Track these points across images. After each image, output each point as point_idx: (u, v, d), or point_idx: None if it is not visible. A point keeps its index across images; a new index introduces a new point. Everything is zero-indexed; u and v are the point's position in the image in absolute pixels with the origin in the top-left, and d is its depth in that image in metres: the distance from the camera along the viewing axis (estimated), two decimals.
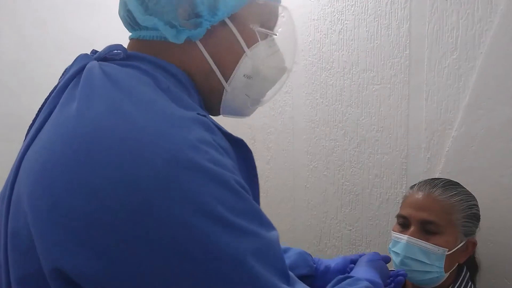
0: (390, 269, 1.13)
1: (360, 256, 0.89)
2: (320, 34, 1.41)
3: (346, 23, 1.34)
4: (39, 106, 0.55)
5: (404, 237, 0.93)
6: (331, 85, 1.40)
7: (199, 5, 0.54)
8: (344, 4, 1.34)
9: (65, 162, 0.43)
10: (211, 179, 0.43)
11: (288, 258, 0.87)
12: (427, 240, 0.91)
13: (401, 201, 1.03)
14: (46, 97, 0.55)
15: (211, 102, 0.62)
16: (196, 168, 0.42)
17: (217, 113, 0.64)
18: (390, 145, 1.28)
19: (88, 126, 0.44)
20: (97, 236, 0.40)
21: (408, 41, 1.21)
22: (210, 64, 0.58)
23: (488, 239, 1.07)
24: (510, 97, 1.02)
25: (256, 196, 0.54)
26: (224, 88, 0.60)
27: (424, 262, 0.90)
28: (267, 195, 1.67)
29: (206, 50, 0.57)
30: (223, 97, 0.61)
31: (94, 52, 0.57)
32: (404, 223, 0.96)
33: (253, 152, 0.56)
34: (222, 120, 0.65)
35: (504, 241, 1.05)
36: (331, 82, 1.40)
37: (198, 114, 0.48)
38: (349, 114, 1.37)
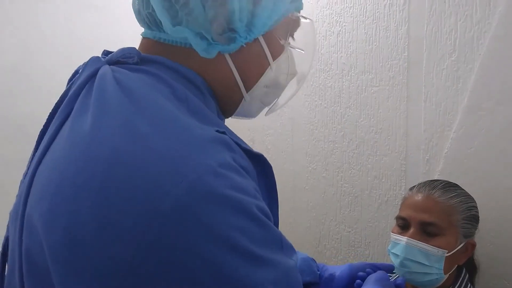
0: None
1: (365, 265, 0.88)
2: (319, 36, 1.41)
3: (344, 25, 1.34)
4: (44, 110, 0.53)
5: (403, 239, 0.93)
6: (330, 87, 1.41)
7: (235, 21, 0.52)
8: (343, 6, 1.34)
9: (78, 192, 0.41)
10: (231, 208, 0.41)
11: None
12: (426, 241, 0.91)
13: (400, 203, 1.03)
14: (57, 101, 0.52)
15: (226, 108, 0.60)
16: (216, 199, 0.40)
17: (228, 116, 0.63)
18: (389, 146, 1.28)
19: (103, 150, 0.41)
20: (117, 275, 0.39)
21: (406, 43, 1.21)
22: (235, 78, 0.56)
23: (487, 240, 1.07)
24: (509, 98, 1.02)
25: (275, 214, 0.52)
26: (243, 97, 0.59)
27: (423, 263, 0.90)
28: None
29: (234, 64, 0.56)
30: (240, 105, 0.60)
31: (106, 53, 0.55)
32: (403, 225, 0.96)
33: None
34: (226, 122, 0.65)
35: (503, 242, 1.05)
36: (329, 84, 1.40)
37: (217, 131, 0.46)
38: (348, 116, 1.37)
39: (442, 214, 0.91)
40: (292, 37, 0.63)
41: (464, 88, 1.11)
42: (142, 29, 0.59)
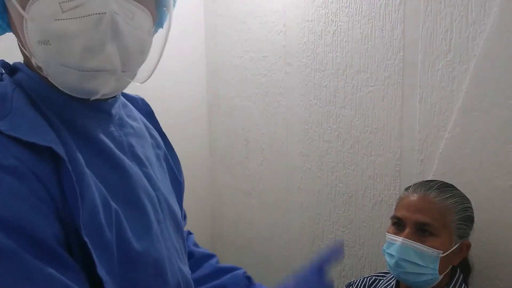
0: (385, 271, 1.13)
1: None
2: (314, 35, 1.41)
3: (340, 25, 1.34)
4: None
5: (399, 239, 0.93)
6: (325, 87, 1.40)
7: None
8: (338, 6, 1.34)
9: None
10: None
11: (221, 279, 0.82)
12: (422, 242, 0.91)
13: (394, 203, 1.03)
14: None
15: (53, 85, 0.54)
16: None
17: (70, 94, 0.55)
18: (384, 147, 1.28)
19: None
20: None
21: (402, 43, 1.21)
22: (22, 48, 0.53)
23: (481, 241, 1.07)
24: (504, 99, 1.03)
25: (75, 208, 0.50)
26: (38, 65, 0.52)
27: (418, 264, 0.90)
28: (261, 197, 1.66)
29: (16, 36, 0.55)
30: (45, 75, 0.53)
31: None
32: (399, 225, 0.96)
33: (246, 154, 0.54)
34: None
35: (497, 242, 1.06)
36: (325, 83, 1.40)
37: None
38: (343, 116, 1.37)
39: (437, 214, 0.91)
40: None
41: (459, 88, 1.11)
42: None
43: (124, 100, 0.71)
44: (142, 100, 0.79)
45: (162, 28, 0.67)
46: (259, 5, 1.54)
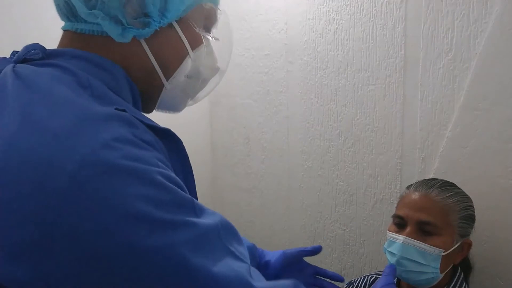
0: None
1: (298, 252, 0.90)
2: (315, 33, 1.41)
3: (341, 23, 1.34)
4: None
5: (400, 237, 0.93)
6: (326, 85, 1.40)
7: (149, 5, 0.54)
8: (340, 4, 1.33)
9: None
10: (128, 176, 0.42)
11: None
12: (423, 240, 0.91)
13: (395, 201, 1.03)
14: None
15: (149, 97, 0.62)
16: (110, 170, 0.41)
17: (153, 108, 0.65)
18: (385, 145, 1.28)
19: (3, 144, 0.42)
20: (31, 256, 0.40)
21: (403, 42, 1.21)
22: (152, 63, 0.58)
23: (482, 240, 1.07)
24: (505, 98, 1.03)
25: (191, 186, 0.54)
26: (164, 86, 0.61)
27: (420, 262, 0.90)
28: (262, 195, 1.66)
29: (150, 49, 0.57)
30: (161, 94, 0.62)
31: (14, 53, 0.56)
32: (400, 223, 0.96)
33: (248, 152, 0.56)
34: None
35: (498, 241, 1.06)
36: (326, 82, 1.40)
37: (116, 109, 0.47)
38: (344, 114, 1.37)
39: (439, 213, 0.91)
40: (209, 29, 0.66)
41: (460, 87, 1.11)
42: None
43: None
44: None
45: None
46: (260, 3, 1.54)
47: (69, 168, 0.40)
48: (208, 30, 0.65)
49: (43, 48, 0.54)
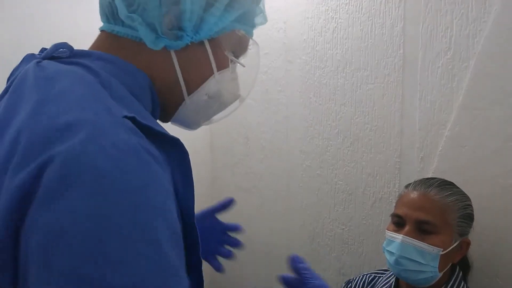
0: (384, 268, 1.13)
1: (209, 210, 0.93)
2: (314, 32, 1.41)
3: (340, 22, 1.34)
4: None
5: (399, 237, 0.93)
6: (325, 84, 1.40)
7: (185, 21, 0.56)
8: (339, 3, 1.33)
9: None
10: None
11: None
12: (422, 239, 0.91)
13: (394, 200, 1.03)
14: None
15: (167, 107, 0.63)
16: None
17: (168, 120, 0.66)
18: (384, 144, 1.28)
19: (10, 132, 0.44)
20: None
21: (402, 41, 1.21)
22: (177, 75, 0.60)
23: (481, 239, 1.07)
24: (504, 97, 1.03)
25: (190, 204, 0.53)
26: (184, 100, 0.62)
27: (419, 261, 0.90)
28: (261, 195, 1.66)
29: (177, 61, 0.59)
30: (180, 108, 0.63)
31: (42, 50, 0.57)
32: (399, 222, 0.96)
33: (247, 151, 0.56)
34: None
35: (496, 241, 1.06)
36: (324, 81, 1.40)
37: (125, 116, 0.46)
38: (342, 113, 1.37)
39: (438, 212, 0.91)
40: (238, 56, 0.68)
41: (459, 86, 1.11)
42: None
43: None
44: None
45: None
46: None
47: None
48: (236, 56, 0.67)
49: (70, 47, 0.55)
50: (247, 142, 1.66)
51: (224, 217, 0.95)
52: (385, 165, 1.29)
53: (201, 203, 2.09)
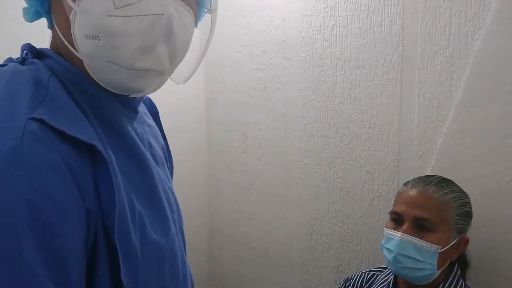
0: (382, 266, 1.13)
1: None
2: (313, 30, 1.40)
3: (339, 19, 1.33)
4: None
5: (397, 234, 0.93)
6: (323, 82, 1.40)
7: None
8: (337, 0, 1.33)
9: None
10: None
11: None
12: (420, 237, 0.91)
13: (392, 198, 1.03)
14: None
15: (87, 75, 0.54)
16: None
17: (116, 90, 0.55)
18: (382, 142, 1.28)
19: None
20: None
21: (401, 38, 1.21)
22: (61, 37, 0.53)
23: (479, 236, 1.07)
24: (502, 94, 1.03)
25: (110, 211, 0.48)
26: (82, 60, 0.52)
27: (417, 259, 0.90)
28: (259, 192, 1.66)
29: (56, 24, 0.54)
30: (87, 69, 0.52)
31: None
32: (397, 220, 0.96)
33: (244, 149, 0.55)
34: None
35: (494, 238, 1.06)
36: (323, 78, 1.40)
37: (32, 118, 0.44)
38: (341, 111, 1.36)
39: (436, 210, 0.91)
40: None
41: (458, 83, 1.11)
42: None
43: None
44: (150, 100, 0.78)
45: (196, 27, 0.64)
46: None
47: None
48: None
49: (32, 48, 0.55)
50: (244, 139, 1.66)
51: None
52: (383, 162, 1.29)
53: (198, 200, 2.10)
